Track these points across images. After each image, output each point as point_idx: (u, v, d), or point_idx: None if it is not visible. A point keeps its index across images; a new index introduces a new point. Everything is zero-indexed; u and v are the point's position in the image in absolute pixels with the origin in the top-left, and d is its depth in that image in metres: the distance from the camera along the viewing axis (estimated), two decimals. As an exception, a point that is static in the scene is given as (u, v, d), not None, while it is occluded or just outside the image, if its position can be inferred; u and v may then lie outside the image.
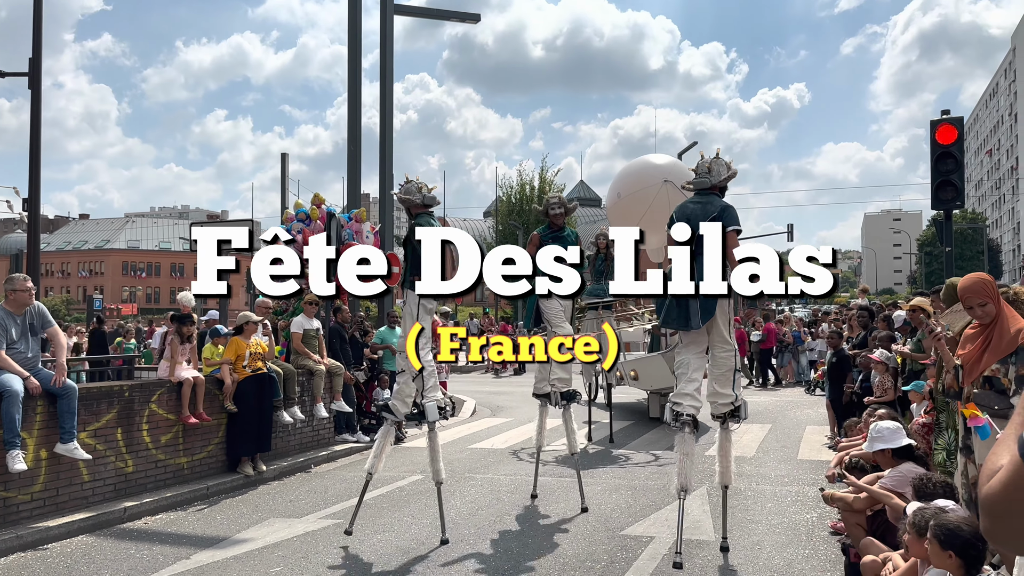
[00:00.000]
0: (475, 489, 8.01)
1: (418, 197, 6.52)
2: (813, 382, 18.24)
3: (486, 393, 18.01)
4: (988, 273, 4.47)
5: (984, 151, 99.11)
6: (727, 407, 5.96)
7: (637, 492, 7.73)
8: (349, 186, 16.77)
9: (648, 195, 12.64)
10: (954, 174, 9.31)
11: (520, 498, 7.56)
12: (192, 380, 8.11)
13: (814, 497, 7.33)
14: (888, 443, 4.74)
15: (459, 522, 6.73)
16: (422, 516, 6.98)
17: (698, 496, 7.47)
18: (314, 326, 10.12)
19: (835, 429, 10.61)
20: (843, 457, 6.59)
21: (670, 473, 8.51)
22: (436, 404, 6.43)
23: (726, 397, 5.94)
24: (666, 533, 6.24)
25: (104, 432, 7.40)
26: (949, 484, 4.32)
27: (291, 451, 9.66)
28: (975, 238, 67.91)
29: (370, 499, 7.70)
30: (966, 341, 4.06)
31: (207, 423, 8.34)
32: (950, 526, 3.45)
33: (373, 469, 6.62)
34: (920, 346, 7.62)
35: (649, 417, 12.96)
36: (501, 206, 49.82)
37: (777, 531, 6.30)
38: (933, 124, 9.49)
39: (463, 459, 9.75)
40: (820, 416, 12.65)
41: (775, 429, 11.86)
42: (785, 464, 9.11)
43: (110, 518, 7.00)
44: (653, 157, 14.01)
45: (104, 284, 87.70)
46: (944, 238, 9.88)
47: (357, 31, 15.83)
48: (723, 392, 5.94)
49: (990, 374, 3.89)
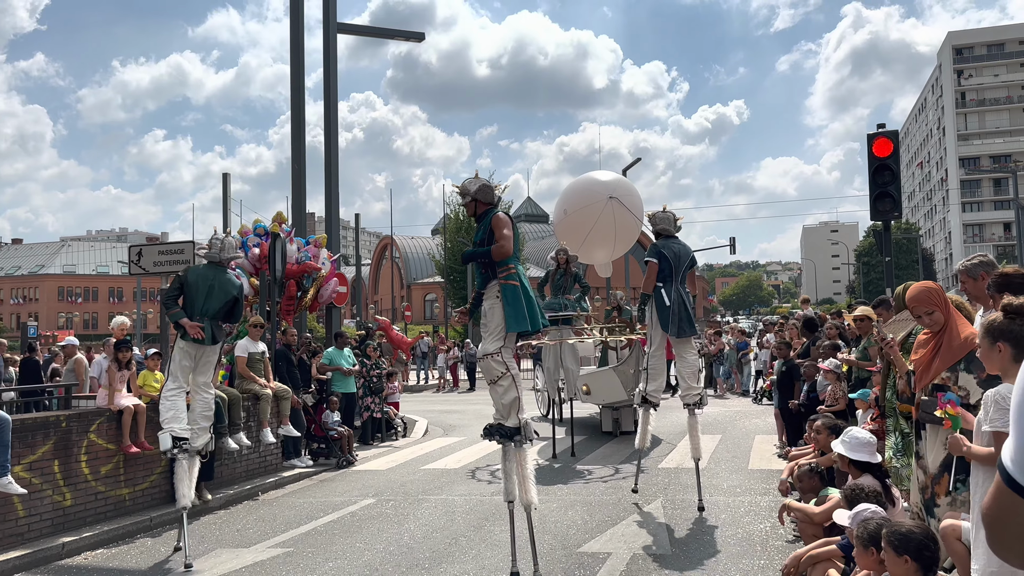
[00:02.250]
0: (428, 511, 7.88)
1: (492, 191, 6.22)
2: (760, 391, 18.50)
3: (438, 412, 17.86)
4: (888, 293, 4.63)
5: (915, 164, 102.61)
6: (695, 397, 7.82)
7: (592, 508, 7.70)
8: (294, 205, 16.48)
9: (594, 211, 12.72)
10: (891, 185, 9.57)
11: (475, 518, 7.46)
12: (133, 408, 7.83)
13: (767, 507, 7.40)
14: (851, 452, 4.77)
15: (413, 546, 6.59)
16: (375, 542, 6.83)
17: (653, 510, 7.48)
18: (259, 349, 9.89)
19: (784, 438, 10.75)
20: (793, 466, 6.67)
21: (624, 488, 8.56)
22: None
23: (695, 389, 7.83)
24: (623, 549, 6.21)
25: (40, 465, 7.08)
26: (877, 492, 4.39)
27: (237, 479, 9.40)
28: (910, 248, 70.06)
29: (321, 525, 7.53)
30: (919, 347, 4.13)
31: (149, 452, 8.06)
32: (902, 531, 3.51)
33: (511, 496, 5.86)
34: (866, 354, 7.76)
35: (602, 431, 12.98)
36: (449, 224, 49.68)
37: (732, 543, 6.32)
38: (870, 137, 9.75)
39: (416, 480, 9.60)
40: (768, 425, 12.82)
41: (725, 439, 11.98)
42: (737, 474, 9.19)
43: (48, 554, 6.69)
44: (598, 174, 14.11)
45: (39, 310, 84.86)
46: (883, 248, 10.14)
47: (300, 49, 15.66)
48: (693, 386, 7.82)
49: (940, 381, 3.95)
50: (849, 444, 4.78)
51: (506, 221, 5.99)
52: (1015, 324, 3.20)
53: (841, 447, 4.82)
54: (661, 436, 12.51)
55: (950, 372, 3.94)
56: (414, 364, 29.37)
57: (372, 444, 12.73)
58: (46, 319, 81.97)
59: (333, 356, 12.16)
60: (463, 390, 25.97)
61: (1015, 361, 3.17)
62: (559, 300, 11.80)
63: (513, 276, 5.89)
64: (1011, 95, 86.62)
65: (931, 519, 4.04)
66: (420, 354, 29.11)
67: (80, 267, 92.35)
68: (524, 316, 5.74)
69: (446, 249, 48.91)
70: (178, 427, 6.98)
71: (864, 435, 4.83)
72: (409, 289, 69.52)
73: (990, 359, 3.28)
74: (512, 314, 5.75)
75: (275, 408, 9.84)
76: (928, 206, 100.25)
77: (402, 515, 7.74)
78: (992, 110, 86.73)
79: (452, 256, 48.45)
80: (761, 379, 19.03)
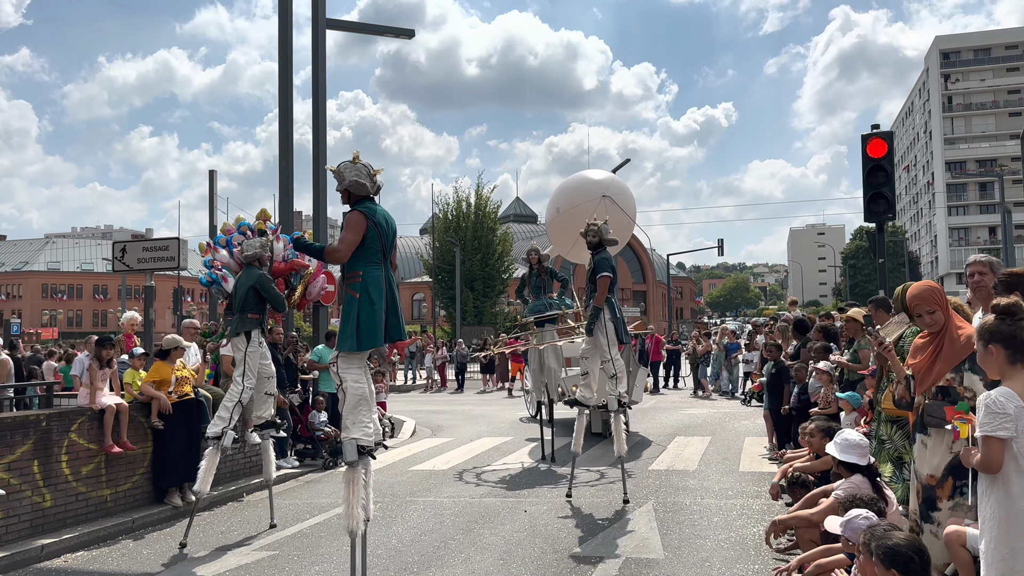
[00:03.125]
0: (417, 513, 7.76)
1: (368, 182, 5.71)
2: (749, 393, 18.47)
3: (426, 412, 17.71)
4: (881, 295, 4.56)
5: (902, 167, 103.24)
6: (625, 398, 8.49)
7: (583, 511, 7.60)
8: (281, 203, 16.28)
9: (587, 210, 12.59)
10: (885, 187, 9.50)
11: (465, 521, 7.34)
12: (115, 407, 7.67)
13: (759, 510, 7.32)
14: (841, 453, 4.70)
15: (401, 549, 6.47)
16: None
17: (644, 513, 7.38)
18: (246, 348, 9.71)
19: (774, 440, 10.70)
20: (787, 469, 6.60)
21: (615, 490, 8.47)
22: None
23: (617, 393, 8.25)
24: (615, 553, 6.11)
25: (19, 465, 6.92)
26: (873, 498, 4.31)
27: (222, 479, 9.23)
28: (896, 251, 70.44)
29: (307, 528, 7.39)
30: (916, 351, 4.05)
31: (132, 452, 7.91)
32: (889, 543, 3.46)
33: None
34: (858, 356, 7.70)
35: (592, 432, 12.88)
36: (437, 223, 49.61)
37: (725, 546, 6.23)
38: (864, 138, 9.69)
39: (404, 482, 9.47)
40: (758, 427, 12.77)
41: (715, 442, 11.91)
42: (728, 477, 9.12)
43: (26, 557, 6.53)
44: (591, 172, 14.02)
45: (22, 308, 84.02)
46: (877, 250, 10.07)
47: (288, 45, 15.48)
48: (616, 389, 8.22)
49: (944, 383, 3.87)
50: (840, 445, 4.73)
51: (358, 222, 5.43)
52: (1004, 325, 3.12)
53: (832, 448, 4.76)
54: (650, 438, 12.44)
55: (954, 373, 3.86)
56: (402, 364, 29.23)
57: (359, 444, 12.55)
58: (30, 316, 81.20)
59: (322, 354, 12.00)
60: (451, 390, 25.84)
61: (1010, 363, 3.10)
62: (543, 301, 11.64)
63: (357, 286, 5.41)
64: (997, 100, 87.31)
65: (927, 524, 3.97)
66: (408, 354, 28.96)
67: (65, 264, 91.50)
68: (351, 335, 5.33)
69: (434, 249, 48.84)
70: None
71: (855, 436, 4.77)
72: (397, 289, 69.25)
73: (987, 364, 3.21)
74: (343, 330, 5.41)
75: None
76: (914, 209, 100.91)
77: (390, 517, 7.62)
78: (978, 114, 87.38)
79: (440, 256, 48.38)
80: (749, 381, 19.03)
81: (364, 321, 5.36)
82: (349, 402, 5.46)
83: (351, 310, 5.40)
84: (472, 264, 47.66)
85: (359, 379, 5.51)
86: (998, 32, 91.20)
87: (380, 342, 5.43)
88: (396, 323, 5.59)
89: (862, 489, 4.44)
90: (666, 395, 21.38)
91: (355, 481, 5.41)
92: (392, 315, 5.55)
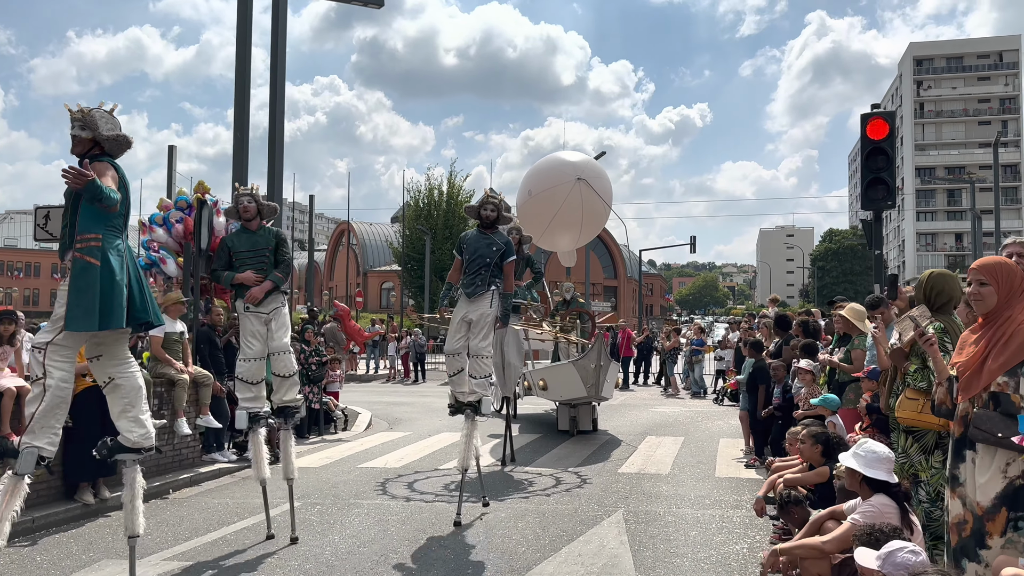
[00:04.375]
0: (359, 519, 6.89)
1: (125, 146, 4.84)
2: (722, 391, 17.85)
3: (384, 404, 16.81)
4: (876, 290, 3.78)
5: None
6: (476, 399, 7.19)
7: (546, 519, 6.79)
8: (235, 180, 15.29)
9: (561, 193, 11.83)
10: (885, 171, 8.72)
11: (411, 530, 6.49)
12: (14, 390, 6.70)
13: (741, 523, 6.58)
14: (866, 467, 3.89)
15: (334, 563, 5.60)
16: (290, 557, 5.82)
17: (614, 524, 6.60)
18: (178, 329, 8.76)
19: (751, 443, 10.00)
20: (776, 481, 5.83)
21: (582, 495, 7.68)
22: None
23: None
24: (580, 573, 5.32)
25: None
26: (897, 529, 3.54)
27: (147, 474, 8.26)
28: (864, 254, 70.68)
29: (231, 533, 6.50)
30: (964, 344, 3.27)
31: (36, 442, 6.93)
32: None
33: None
34: (850, 356, 6.99)
35: (558, 430, 12.12)
36: (408, 211, 48.55)
37: (705, 567, 5.46)
38: (864, 117, 8.91)
39: (350, 481, 8.60)
40: (733, 428, 12.10)
41: (688, 443, 11.20)
42: (704, 483, 8.39)
43: None
44: (566, 154, 13.24)
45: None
46: (872, 241, 9.34)
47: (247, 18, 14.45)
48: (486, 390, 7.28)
49: (996, 389, 3.08)
50: (864, 459, 3.91)
51: (115, 177, 4.57)
52: None
53: (854, 461, 3.94)
54: (620, 438, 11.69)
55: (1009, 376, 3.07)
56: (363, 355, 28.23)
57: (307, 438, 11.66)
58: (-17, 294, 78.67)
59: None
60: (411, 381, 24.95)
61: None
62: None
63: (94, 251, 4.41)
64: (967, 108, 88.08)
65: (968, 562, 3.21)
66: (371, 342, 27.96)
67: (23, 240, 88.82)
68: (91, 310, 4.32)
69: (404, 237, 47.74)
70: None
71: (882, 449, 3.97)
72: (365, 276, 68.03)
73: None
74: (76, 303, 4.34)
75: (193, 395, 8.76)
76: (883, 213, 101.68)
77: (327, 523, 6.75)
78: (949, 122, 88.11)
79: (410, 244, 47.34)
80: (722, 379, 18.40)
81: (106, 293, 4.37)
82: (50, 402, 4.44)
83: (90, 279, 4.36)
84: (443, 253, 46.67)
85: (67, 377, 4.50)
86: (971, 41, 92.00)
87: (121, 322, 4.44)
88: (144, 304, 4.60)
89: (885, 514, 3.66)
90: (635, 391, 20.74)
91: (14, 492, 4.46)
92: (139, 294, 4.58)
